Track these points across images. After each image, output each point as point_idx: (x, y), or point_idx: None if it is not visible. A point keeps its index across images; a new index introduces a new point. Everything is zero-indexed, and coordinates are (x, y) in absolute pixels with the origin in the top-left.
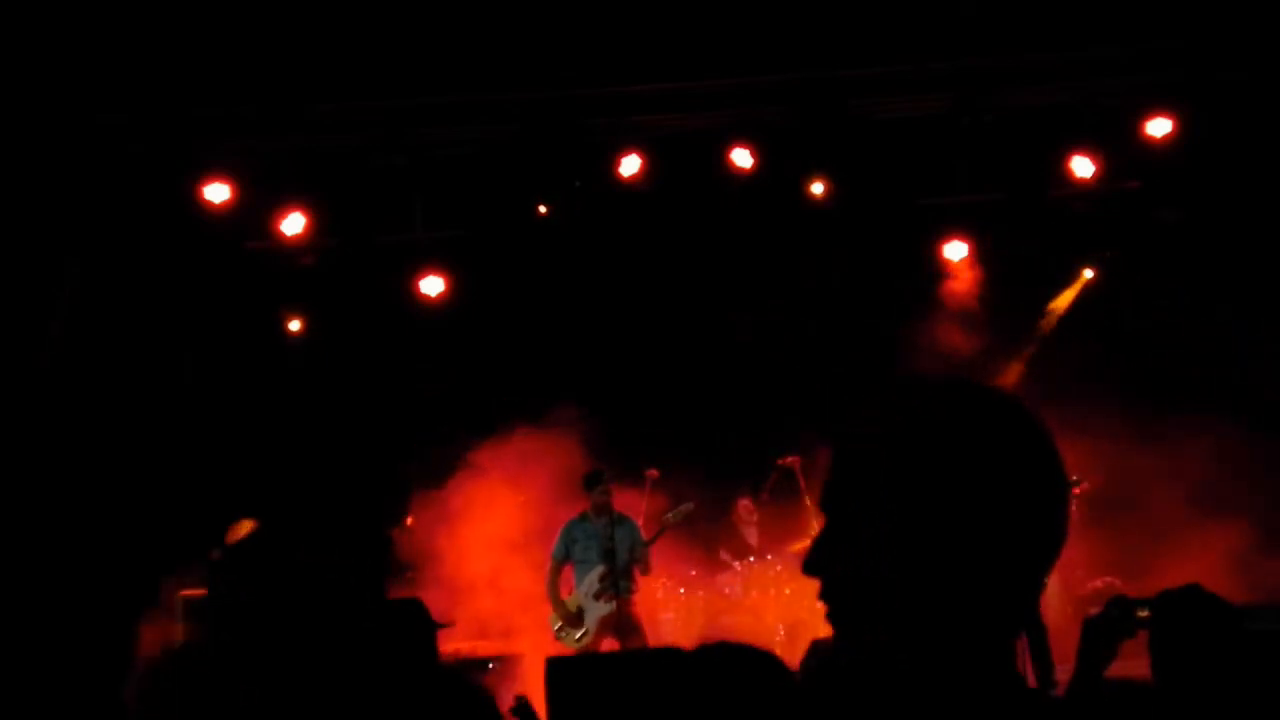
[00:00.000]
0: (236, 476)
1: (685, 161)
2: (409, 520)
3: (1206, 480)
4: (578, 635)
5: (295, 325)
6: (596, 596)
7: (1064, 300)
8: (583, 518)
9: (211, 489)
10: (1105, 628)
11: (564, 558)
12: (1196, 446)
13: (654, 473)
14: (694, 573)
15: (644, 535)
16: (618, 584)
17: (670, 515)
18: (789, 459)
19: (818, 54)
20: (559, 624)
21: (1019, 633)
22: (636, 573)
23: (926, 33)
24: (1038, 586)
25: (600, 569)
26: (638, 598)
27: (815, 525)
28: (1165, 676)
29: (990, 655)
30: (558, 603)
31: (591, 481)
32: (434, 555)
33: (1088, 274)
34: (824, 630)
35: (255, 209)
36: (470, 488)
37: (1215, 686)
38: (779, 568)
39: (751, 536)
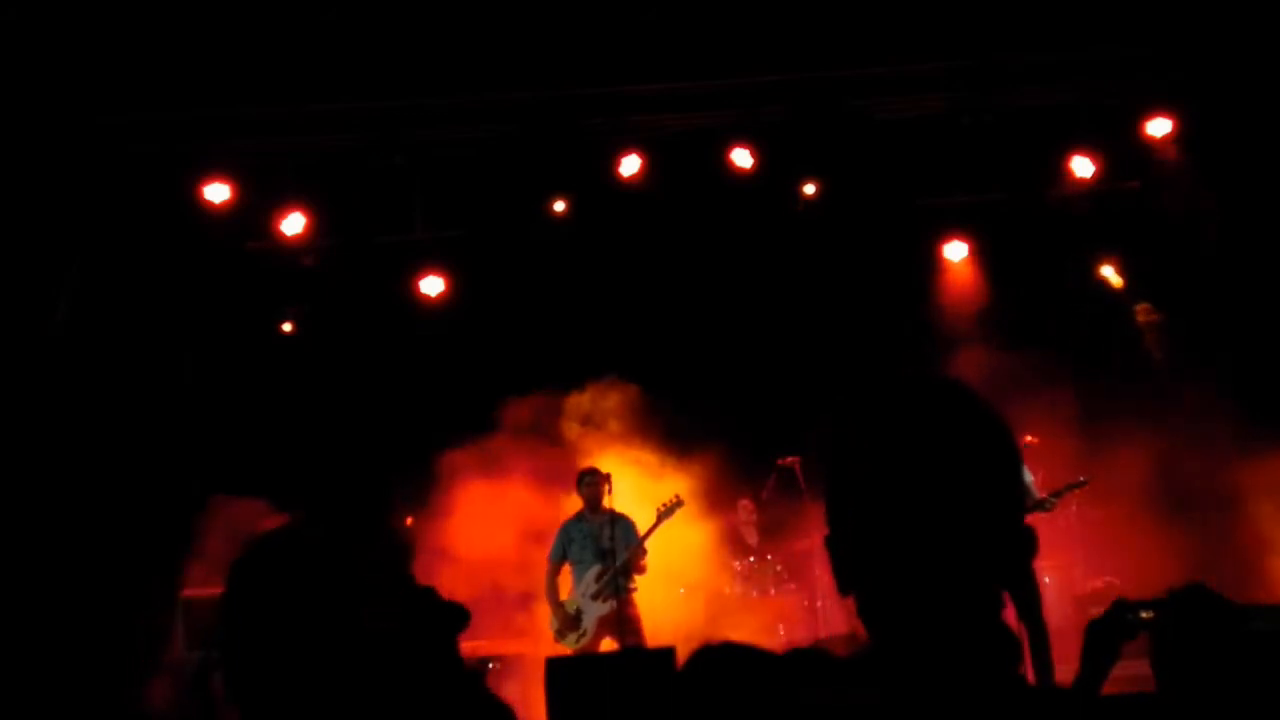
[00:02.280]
0: (236, 475)
1: (685, 161)
2: (408, 521)
3: None
4: (576, 637)
5: (295, 325)
6: (594, 596)
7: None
8: (579, 517)
9: (211, 488)
10: (1107, 631)
11: (561, 558)
12: None
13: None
14: (694, 573)
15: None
16: (616, 583)
17: (661, 511)
18: (789, 459)
19: (818, 54)
20: (557, 626)
21: (985, 624)
22: (634, 571)
23: (926, 33)
24: (979, 574)
25: (597, 568)
26: (636, 596)
27: (815, 525)
28: (1167, 677)
29: (966, 653)
30: (556, 604)
31: (581, 478)
32: (433, 555)
33: (1107, 270)
34: (823, 630)
35: (255, 209)
36: (468, 487)
37: (1218, 687)
38: (779, 568)
39: (751, 536)
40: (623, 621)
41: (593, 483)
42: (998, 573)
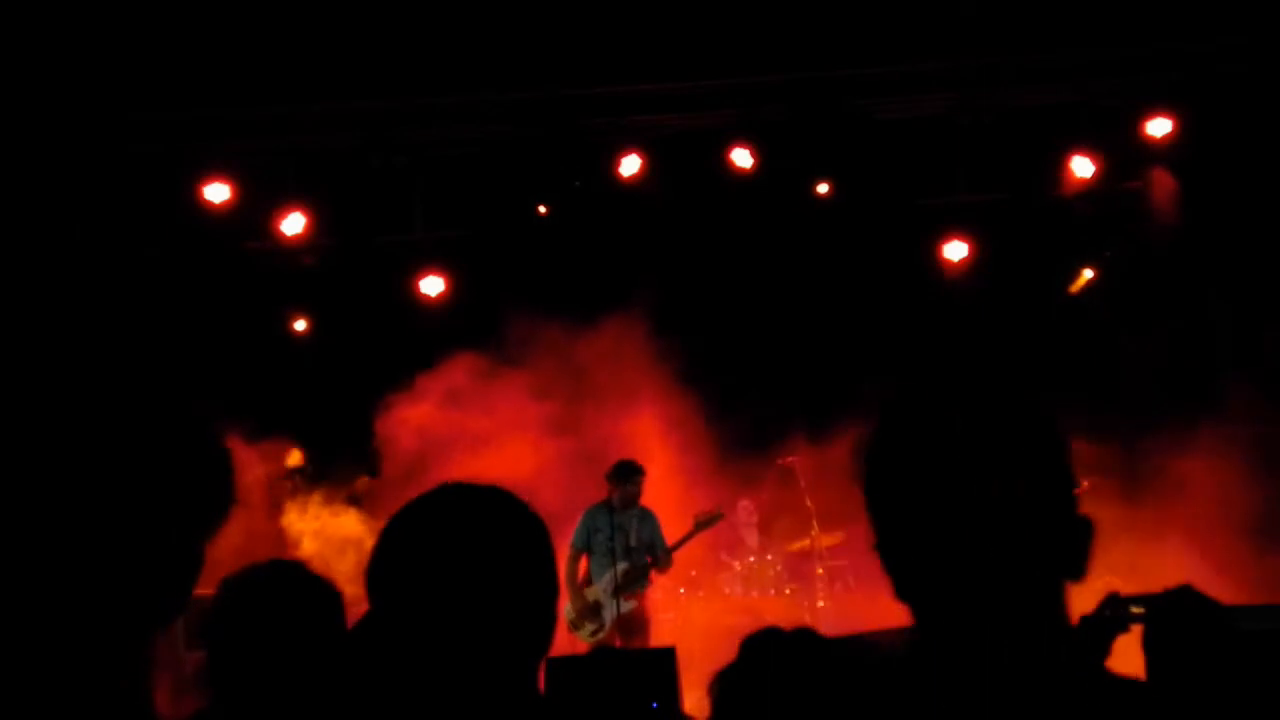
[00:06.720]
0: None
1: (685, 161)
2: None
3: None
4: (593, 629)
5: (296, 325)
6: (617, 593)
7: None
8: (607, 507)
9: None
10: (1099, 626)
11: (584, 546)
12: None
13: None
14: (694, 573)
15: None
16: (641, 580)
17: (699, 521)
18: (789, 459)
19: (818, 54)
20: (574, 614)
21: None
22: (653, 570)
23: (926, 33)
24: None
25: (624, 565)
26: (651, 593)
27: (815, 525)
28: (1159, 675)
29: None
30: (576, 593)
31: (626, 473)
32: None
33: (1088, 274)
34: (824, 631)
35: (255, 209)
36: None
37: (1210, 686)
38: (779, 568)
39: (751, 537)
40: (635, 619)
41: (638, 482)
42: (1056, 565)
